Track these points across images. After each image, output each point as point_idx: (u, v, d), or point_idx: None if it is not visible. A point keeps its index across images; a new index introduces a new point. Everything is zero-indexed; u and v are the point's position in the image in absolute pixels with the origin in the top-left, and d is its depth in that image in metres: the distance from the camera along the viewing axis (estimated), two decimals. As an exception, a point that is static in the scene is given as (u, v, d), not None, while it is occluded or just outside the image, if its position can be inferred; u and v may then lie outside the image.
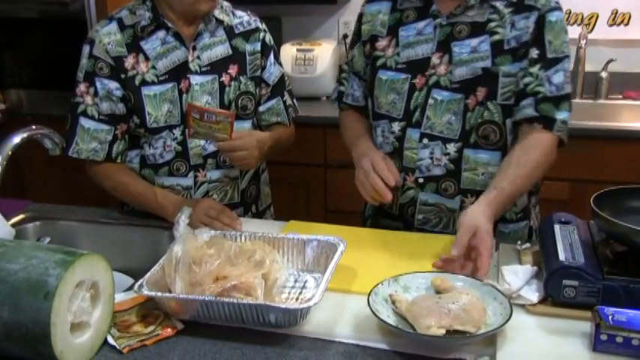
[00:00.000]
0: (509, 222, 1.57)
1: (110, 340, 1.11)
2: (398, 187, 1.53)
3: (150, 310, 1.19)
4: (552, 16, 1.44)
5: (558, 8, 1.46)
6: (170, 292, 1.18)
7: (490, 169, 1.50)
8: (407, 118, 1.52)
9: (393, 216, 1.62)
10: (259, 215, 1.85)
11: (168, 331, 1.13)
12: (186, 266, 1.19)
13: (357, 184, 1.46)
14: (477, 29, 1.46)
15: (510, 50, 1.44)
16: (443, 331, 1.07)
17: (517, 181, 1.38)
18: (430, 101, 1.49)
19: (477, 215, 1.29)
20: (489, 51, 1.45)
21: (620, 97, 2.79)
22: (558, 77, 1.44)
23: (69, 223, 1.69)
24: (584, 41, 2.75)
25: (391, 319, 1.13)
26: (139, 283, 1.16)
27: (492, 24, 1.46)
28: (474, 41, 1.46)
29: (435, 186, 1.53)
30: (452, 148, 1.50)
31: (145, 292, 1.15)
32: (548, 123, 1.44)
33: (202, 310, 1.13)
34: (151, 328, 1.14)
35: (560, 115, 1.44)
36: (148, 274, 1.19)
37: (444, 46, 1.48)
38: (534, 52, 1.44)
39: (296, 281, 1.30)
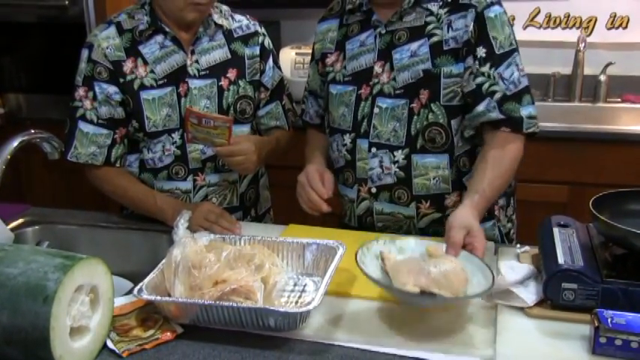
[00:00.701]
0: None
1: (109, 344, 1.11)
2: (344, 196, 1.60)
3: (149, 314, 1.19)
4: (491, 13, 1.44)
5: (496, 3, 1.45)
6: (169, 296, 1.18)
7: (440, 172, 1.49)
8: (356, 129, 1.54)
9: (353, 228, 1.61)
10: (259, 219, 1.85)
11: (168, 335, 1.13)
12: (186, 270, 1.19)
13: (297, 196, 1.50)
14: (416, 34, 1.47)
15: (450, 51, 1.45)
16: (417, 290, 1.10)
17: (495, 182, 1.39)
18: (375, 110, 1.50)
19: (467, 216, 1.30)
20: (428, 53, 1.46)
21: (619, 100, 2.79)
22: (511, 72, 1.44)
23: (68, 227, 1.69)
24: (583, 44, 2.75)
25: (376, 274, 1.17)
26: (138, 287, 1.16)
27: (430, 26, 1.47)
28: (414, 45, 1.47)
29: (389, 195, 1.53)
30: (399, 155, 1.50)
31: (145, 296, 1.15)
32: (516, 124, 1.43)
33: (202, 314, 1.13)
34: (151, 332, 1.14)
35: (526, 111, 1.44)
36: (148, 278, 1.19)
37: (384, 54, 1.50)
38: (482, 51, 1.43)
39: (295, 285, 1.30)
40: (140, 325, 1.16)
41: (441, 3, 1.47)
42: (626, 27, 2.78)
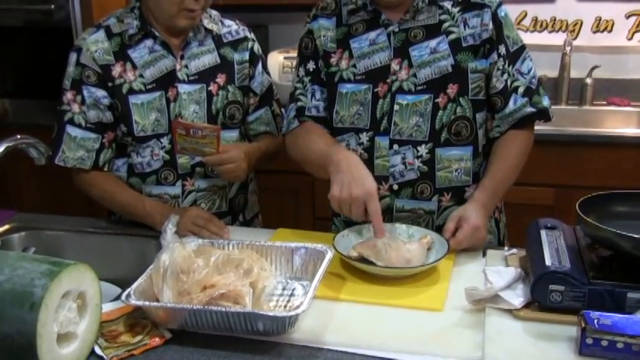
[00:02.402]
0: None
1: (97, 350, 1.10)
2: None
3: (138, 320, 1.18)
4: (502, 12, 1.51)
5: (502, 3, 1.53)
6: (158, 301, 1.17)
7: (463, 164, 1.53)
8: (374, 127, 1.53)
9: None
10: (247, 224, 1.84)
11: (156, 341, 1.12)
12: (174, 275, 1.18)
13: (335, 198, 1.36)
14: (433, 31, 1.50)
15: (469, 48, 1.49)
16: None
17: (498, 175, 1.50)
18: (396, 107, 1.51)
19: (464, 208, 1.44)
20: (449, 50, 1.49)
21: (605, 103, 2.82)
22: (527, 66, 1.54)
23: (55, 232, 1.68)
24: (569, 48, 2.78)
25: (346, 249, 1.36)
26: (126, 292, 1.16)
27: (446, 24, 1.50)
28: (432, 42, 1.49)
29: (411, 190, 1.54)
30: (423, 149, 1.51)
31: (133, 301, 1.14)
32: (545, 115, 1.55)
33: (190, 319, 1.13)
34: (139, 337, 1.13)
35: (546, 101, 1.56)
36: (136, 283, 1.19)
37: (401, 52, 1.51)
38: (502, 49, 1.50)
39: (284, 289, 1.30)
40: (128, 330, 1.16)
41: (452, 1, 1.50)
42: (611, 30, 2.81)
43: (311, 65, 1.61)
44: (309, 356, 1.09)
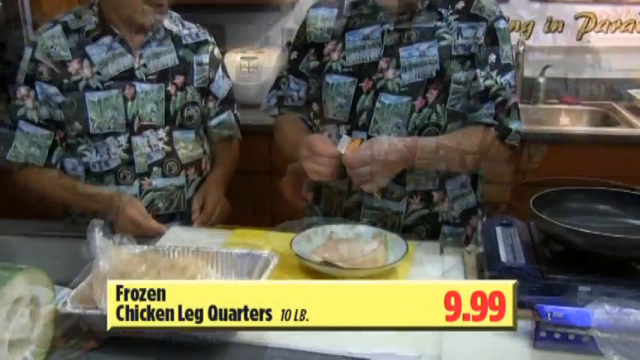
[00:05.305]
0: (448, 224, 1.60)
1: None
2: (343, 191, 1.56)
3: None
4: (500, 24, 1.49)
5: (503, 17, 1.51)
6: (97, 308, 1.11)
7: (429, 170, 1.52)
8: (352, 121, 1.53)
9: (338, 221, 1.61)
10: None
11: (92, 344, 1.08)
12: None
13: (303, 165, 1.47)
14: (426, 35, 1.49)
15: (458, 57, 1.48)
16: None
17: (442, 141, 1.45)
18: (377, 105, 1.51)
19: (389, 138, 1.44)
20: (437, 56, 1.48)
21: (557, 101, 2.89)
22: (512, 82, 1.50)
23: (5, 237, 1.63)
24: (522, 47, 2.84)
25: (309, 255, 1.32)
26: (62, 300, 1.10)
27: (440, 30, 1.49)
28: (423, 46, 1.49)
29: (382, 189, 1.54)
30: None
31: (69, 309, 1.08)
32: (504, 133, 1.48)
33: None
34: (74, 341, 1.10)
35: (514, 125, 1.49)
36: (74, 290, 1.12)
37: (391, 51, 1.50)
38: (492, 57, 1.48)
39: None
40: (62, 335, 1.10)
41: (451, 10, 1.50)
42: (561, 31, 2.88)
43: (294, 54, 1.63)
44: (252, 356, 1.07)
